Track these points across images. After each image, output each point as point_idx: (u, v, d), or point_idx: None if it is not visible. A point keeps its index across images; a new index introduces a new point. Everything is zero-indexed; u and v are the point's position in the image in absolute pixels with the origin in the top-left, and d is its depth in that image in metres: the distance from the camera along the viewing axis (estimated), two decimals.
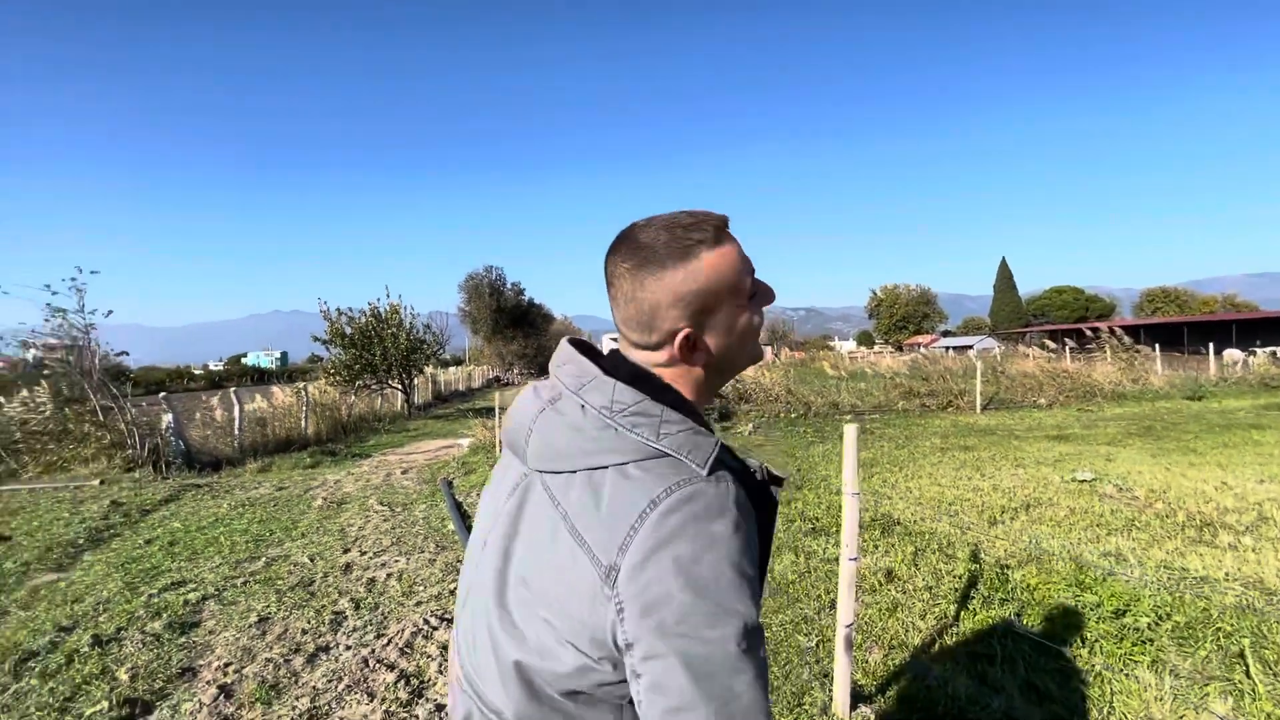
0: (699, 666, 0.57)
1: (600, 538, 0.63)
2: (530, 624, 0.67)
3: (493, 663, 0.70)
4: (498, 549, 0.74)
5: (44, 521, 6.00)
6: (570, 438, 0.70)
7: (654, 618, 0.58)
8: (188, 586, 4.12)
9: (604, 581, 0.61)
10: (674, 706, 0.57)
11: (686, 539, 0.60)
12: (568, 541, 0.65)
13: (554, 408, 0.73)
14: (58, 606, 3.86)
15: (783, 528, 4.79)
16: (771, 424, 10.94)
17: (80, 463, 9.37)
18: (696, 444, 0.66)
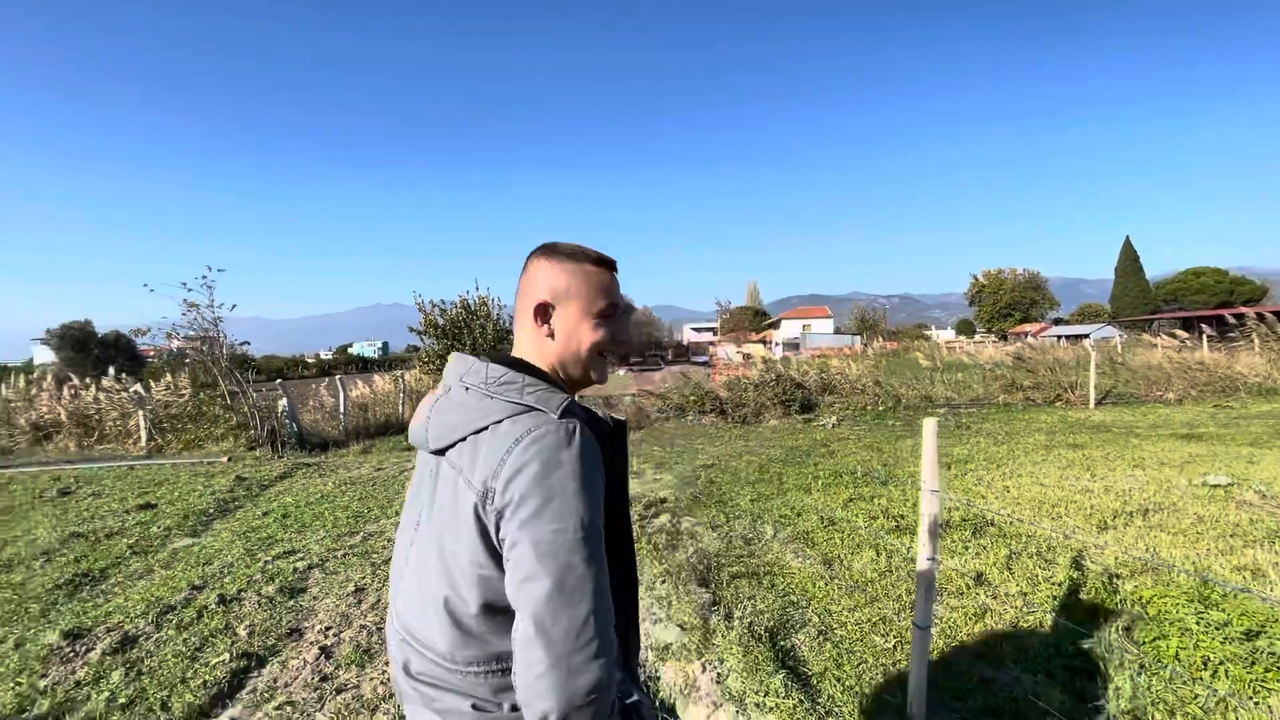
0: (544, 548, 0.78)
1: (481, 474, 0.85)
2: (450, 563, 0.88)
3: (429, 609, 0.90)
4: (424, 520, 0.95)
5: (182, 492, 6.77)
6: (457, 413, 0.92)
7: (516, 517, 0.80)
8: (297, 556, 4.52)
9: (483, 502, 0.84)
10: (523, 578, 0.78)
11: (539, 461, 0.81)
12: (463, 489, 0.87)
13: (445, 397, 0.97)
14: (191, 568, 4.35)
15: (864, 524, 4.61)
16: (857, 417, 10.53)
17: (212, 441, 10.50)
18: (550, 397, 0.90)
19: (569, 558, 0.78)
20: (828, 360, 13.31)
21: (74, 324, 40.89)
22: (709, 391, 10.84)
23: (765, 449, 8.24)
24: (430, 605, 0.90)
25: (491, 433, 0.87)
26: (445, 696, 0.89)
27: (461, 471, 0.88)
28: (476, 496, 0.84)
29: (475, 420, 0.89)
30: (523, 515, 0.80)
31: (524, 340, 1.02)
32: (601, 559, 0.81)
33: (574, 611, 0.77)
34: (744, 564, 3.91)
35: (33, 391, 11.97)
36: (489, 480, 0.83)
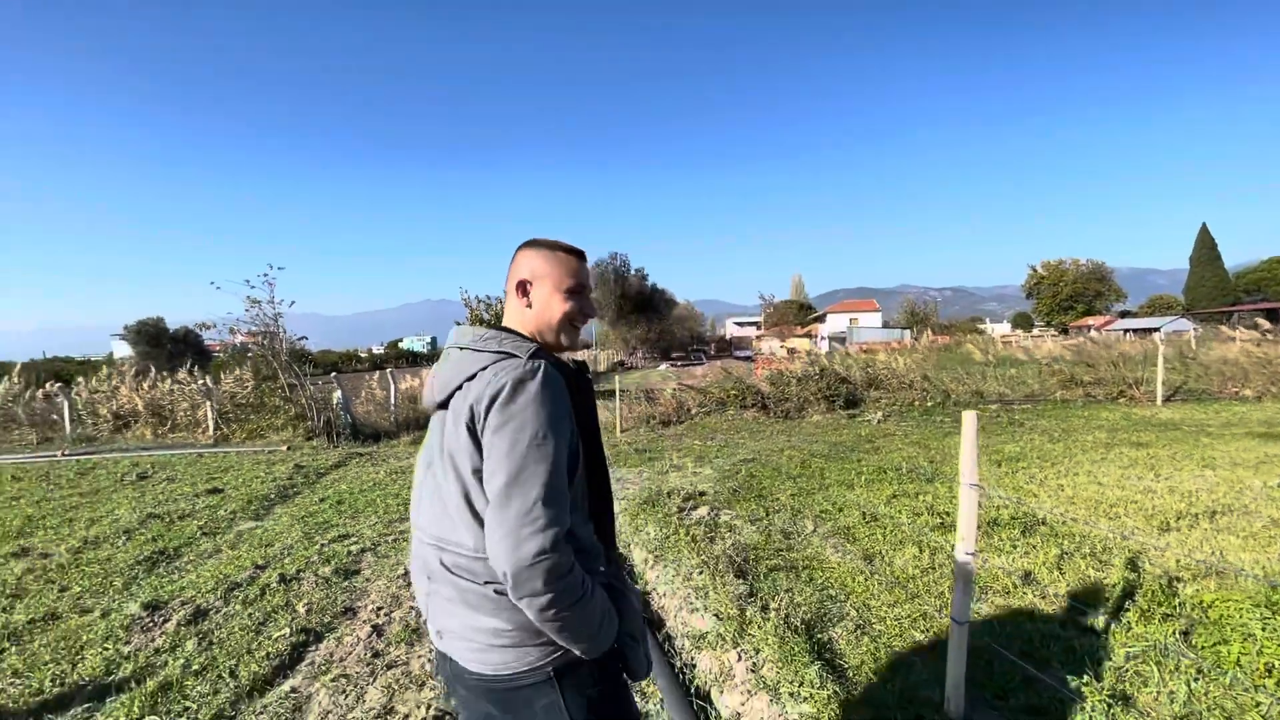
0: (504, 450, 1.05)
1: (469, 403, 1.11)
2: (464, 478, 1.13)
3: (455, 518, 1.15)
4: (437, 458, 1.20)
5: (246, 478, 7.18)
6: (452, 369, 1.18)
7: (489, 430, 1.07)
8: (351, 540, 4.74)
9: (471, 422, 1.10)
10: (490, 474, 1.06)
11: (509, 391, 1.07)
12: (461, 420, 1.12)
13: (443, 359, 1.24)
14: (255, 549, 4.63)
15: (907, 521, 4.52)
16: (904, 413, 10.28)
17: (273, 431, 11.06)
18: (521, 344, 1.16)
19: (522, 459, 1.04)
20: (874, 354, 13.02)
21: (148, 320, 43.59)
22: (750, 386, 10.76)
23: (807, 444, 8.14)
24: (456, 515, 1.15)
25: (479, 377, 1.13)
26: (472, 581, 1.15)
27: (458, 410, 1.14)
28: (467, 420, 1.11)
29: (465, 370, 1.16)
30: (493, 427, 1.07)
31: (510, 311, 1.31)
32: (554, 462, 1.06)
33: (524, 497, 1.03)
34: (782, 557, 3.90)
35: (114, 383, 12.85)
36: (474, 405, 1.10)
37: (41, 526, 5.38)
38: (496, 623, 1.13)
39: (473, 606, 1.14)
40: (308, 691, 2.71)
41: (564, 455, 1.09)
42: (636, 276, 49.89)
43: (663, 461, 7.29)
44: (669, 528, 4.44)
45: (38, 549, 4.76)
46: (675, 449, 8.21)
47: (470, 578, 1.14)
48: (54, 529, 5.30)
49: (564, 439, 1.10)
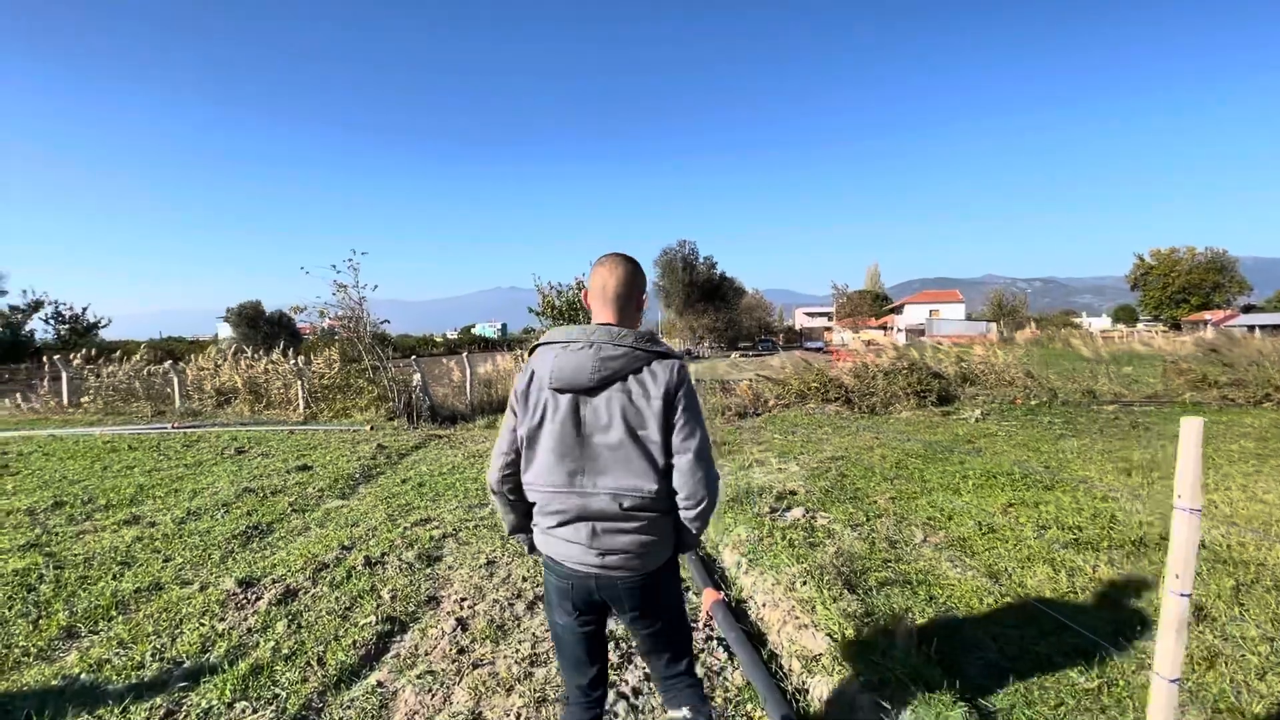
0: (696, 418, 1.57)
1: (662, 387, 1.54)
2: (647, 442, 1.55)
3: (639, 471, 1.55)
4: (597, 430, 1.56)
5: (333, 457, 7.38)
6: (619, 361, 1.55)
7: (681, 409, 1.55)
8: (433, 524, 4.70)
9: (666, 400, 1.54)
10: (690, 431, 1.55)
11: (687, 380, 1.59)
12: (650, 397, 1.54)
13: (591, 351, 1.56)
14: (341, 529, 4.66)
15: (1032, 535, 4.02)
16: (1005, 411, 9.45)
17: (357, 410, 11.45)
18: (669, 348, 1.61)
19: (700, 422, 1.58)
20: (969, 348, 12.10)
21: (247, 304, 46.84)
22: (833, 378, 10.20)
23: (899, 442, 7.58)
24: (639, 468, 1.54)
25: (655, 366, 1.56)
26: (650, 513, 1.57)
27: (634, 392, 1.55)
28: (662, 399, 1.53)
29: (626, 363, 1.55)
30: (683, 405, 1.55)
31: (629, 317, 1.68)
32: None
33: (706, 446, 1.57)
34: (893, 569, 3.51)
35: (218, 362, 13.73)
36: (668, 388, 1.54)
37: (151, 496, 5.66)
38: (653, 535, 1.59)
39: (642, 531, 1.57)
40: (394, 687, 2.59)
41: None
42: (705, 264, 49.17)
43: (743, 455, 6.95)
44: (761, 529, 4.12)
45: (147, 517, 4.98)
46: (755, 442, 7.84)
47: (648, 512, 1.57)
48: (161, 498, 5.57)
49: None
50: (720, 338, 50.20)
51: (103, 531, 4.62)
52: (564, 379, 1.54)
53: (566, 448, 1.56)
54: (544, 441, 1.58)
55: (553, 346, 1.60)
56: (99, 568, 3.89)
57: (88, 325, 30.93)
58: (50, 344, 26.62)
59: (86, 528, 4.73)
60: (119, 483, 6.12)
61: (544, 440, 1.58)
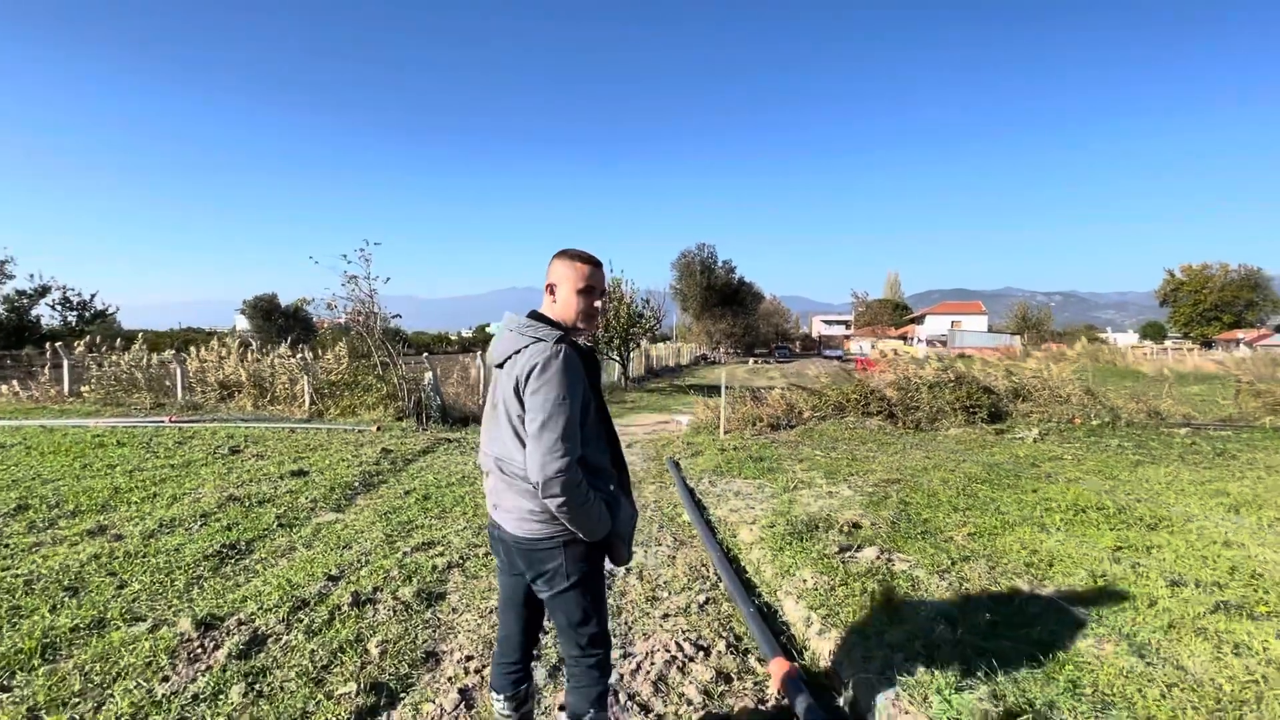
0: (541, 405, 1.58)
1: (517, 372, 1.64)
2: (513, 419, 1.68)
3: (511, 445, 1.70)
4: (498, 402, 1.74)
5: (332, 461, 6.76)
6: (506, 342, 1.72)
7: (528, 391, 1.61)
8: (436, 549, 4.03)
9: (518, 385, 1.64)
10: (529, 420, 1.60)
11: (540, 366, 1.60)
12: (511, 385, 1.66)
13: (501, 333, 1.76)
14: (331, 551, 4.01)
15: (1166, 594, 3.26)
16: (1064, 432, 8.63)
17: (365, 409, 10.86)
18: (550, 332, 1.67)
19: (547, 412, 1.58)
20: (1020, 361, 11.27)
21: (263, 296, 46.75)
22: (874, 390, 9.44)
23: (955, 463, 6.81)
24: (509, 441, 1.70)
25: (524, 352, 1.66)
26: (522, 481, 1.68)
27: (508, 373, 1.68)
28: (515, 383, 1.64)
29: (513, 346, 1.69)
30: (531, 389, 1.61)
31: (544, 305, 1.81)
32: (569, 414, 1.59)
33: (548, 436, 1.57)
34: (1009, 638, 2.78)
35: (222, 354, 13.22)
36: (519, 375, 1.63)
37: (125, 501, 5.06)
38: (532, 505, 1.69)
39: (520, 494, 1.71)
40: None
41: (577, 410, 1.62)
42: (724, 268, 48.35)
43: (784, 474, 6.23)
44: (833, 575, 3.41)
45: (114, 528, 4.37)
46: (794, 458, 7.11)
47: (519, 479, 1.69)
48: (137, 504, 4.96)
49: (576, 399, 1.62)
50: (738, 343, 49.33)
51: (60, 545, 4.01)
52: (490, 358, 1.79)
53: (485, 414, 1.85)
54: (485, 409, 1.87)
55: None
56: (39, 594, 3.27)
57: (96, 312, 30.64)
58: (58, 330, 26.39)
59: (44, 539, 4.12)
60: (95, 484, 5.53)
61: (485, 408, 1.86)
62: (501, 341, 1.72)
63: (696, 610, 3.24)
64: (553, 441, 1.55)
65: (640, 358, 25.61)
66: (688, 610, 3.24)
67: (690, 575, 3.72)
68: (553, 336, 1.64)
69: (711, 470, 6.47)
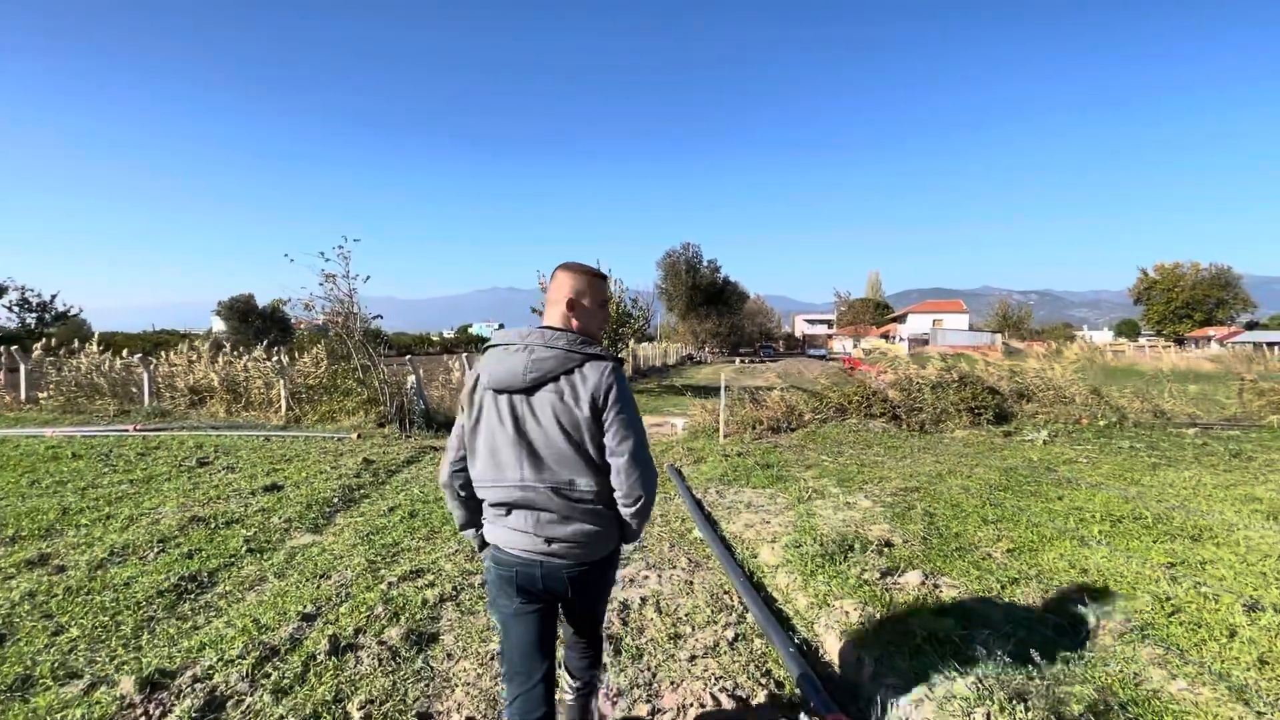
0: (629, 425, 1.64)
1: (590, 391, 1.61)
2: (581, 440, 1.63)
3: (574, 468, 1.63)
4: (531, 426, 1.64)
5: (310, 473, 6.26)
6: (551, 362, 1.62)
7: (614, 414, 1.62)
8: (425, 578, 3.59)
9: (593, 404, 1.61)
10: (622, 437, 1.62)
11: (618, 384, 1.64)
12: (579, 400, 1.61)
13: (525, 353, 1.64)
14: (306, 582, 3.55)
15: (1245, 621, 2.95)
16: (1072, 432, 8.40)
17: (345, 414, 10.32)
18: (601, 349, 1.68)
19: (636, 429, 1.65)
20: (1016, 361, 11.08)
21: (239, 297, 45.50)
22: (877, 391, 9.14)
23: (969, 468, 6.52)
24: (572, 464, 1.63)
25: (579, 370, 1.63)
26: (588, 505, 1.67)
27: (565, 392, 1.62)
28: (589, 400, 1.60)
29: (565, 363, 1.62)
30: (613, 408, 1.61)
31: (558, 318, 1.73)
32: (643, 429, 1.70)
33: (643, 454, 1.64)
34: (1088, 682, 2.44)
35: (193, 358, 12.56)
36: (595, 392, 1.60)
37: (75, 524, 4.54)
38: (596, 525, 1.68)
39: (583, 521, 1.66)
40: None
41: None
42: (709, 268, 48.14)
43: (794, 483, 5.87)
44: (874, 604, 3.04)
45: (57, 558, 3.87)
46: (801, 464, 6.76)
47: (585, 505, 1.66)
48: (87, 528, 4.45)
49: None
50: (723, 343, 49.14)
51: None
52: (500, 380, 1.65)
53: (505, 445, 1.65)
54: (483, 439, 1.68)
55: (496, 349, 1.71)
56: None
57: (57, 314, 29.27)
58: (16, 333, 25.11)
59: None
60: (42, 504, 4.99)
61: (483, 438, 1.68)
62: (542, 359, 1.63)
63: (727, 648, 2.85)
64: (648, 458, 1.65)
65: (628, 358, 25.22)
66: (717, 649, 2.85)
67: (713, 604, 3.33)
68: (607, 353, 1.69)
69: (718, 479, 6.09)
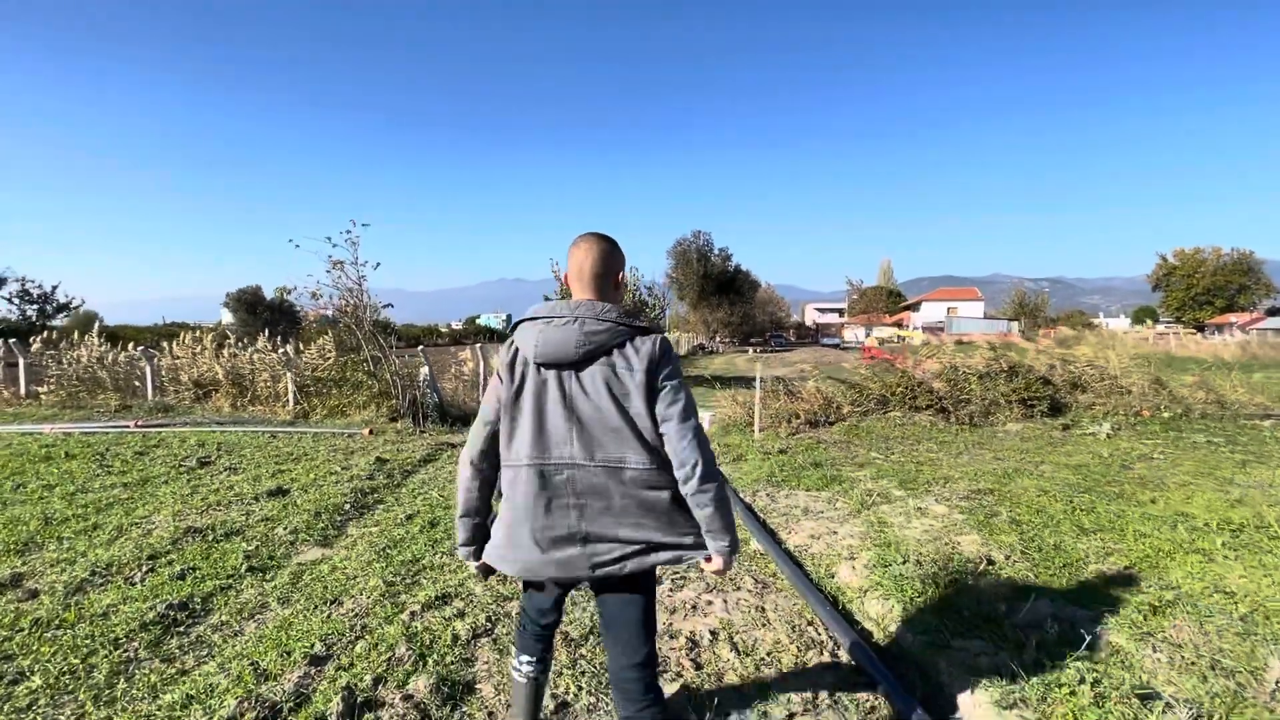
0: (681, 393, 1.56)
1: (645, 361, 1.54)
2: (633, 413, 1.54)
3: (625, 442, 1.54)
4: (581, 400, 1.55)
5: (319, 474, 5.75)
6: (603, 335, 1.54)
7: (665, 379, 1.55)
8: (453, 606, 3.06)
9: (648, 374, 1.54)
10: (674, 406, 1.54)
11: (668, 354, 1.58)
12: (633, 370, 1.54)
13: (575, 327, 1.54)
14: (314, 611, 3.03)
15: None
16: (1134, 425, 7.79)
17: (355, 409, 9.83)
18: (642, 322, 1.61)
19: (686, 398, 1.57)
20: (1072, 348, 10.45)
21: (247, 289, 45.22)
22: (922, 382, 8.54)
23: (1034, 465, 5.94)
24: (626, 440, 1.54)
25: (632, 343, 1.56)
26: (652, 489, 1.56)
27: (618, 365, 1.55)
28: (645, 371, 1.53)
29: (614, 336, 1.55)
30: (665, 378, 1.55)
31: (609, 293, 1.68)
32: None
33: (695, 422, 1.56)
34: None
35: (197, 350, 12.11)
36: (651, 359, 1.54)
37: (56, 536, 4.05)
38: (657, 536, 1.57)
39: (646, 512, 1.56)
40: None
41: None
42: (720, 256, 47.38)
43: (851, 484, 5.31)
44: (1015, 651, 2.48)
45: (32, 578, 3.38)
46: (850, 462, 6.20)
47: (648, 486, 1.55)
48: (70, 541, 3.96)
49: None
50: (735, 332, 48.45)
51: None
52: (548, 354, 1.55)
53: (552, 422, 1.56)
54: (527, 416, 1.57)
55: (536, 322, 1.60)
56: None
57: (59, 305, 28.86)
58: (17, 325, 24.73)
59: None
60: (24, 512, 4.51)
61: (527, 414, 1.57)
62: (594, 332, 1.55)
63: (829, 708, 2.31)
64: (699, 426, 1.57)
65: None
66: (816, 708, 2.31)
67: (796, 638, 2.79)
68: (654, 326, 1.67)
69: (765, 480, 5.54)
